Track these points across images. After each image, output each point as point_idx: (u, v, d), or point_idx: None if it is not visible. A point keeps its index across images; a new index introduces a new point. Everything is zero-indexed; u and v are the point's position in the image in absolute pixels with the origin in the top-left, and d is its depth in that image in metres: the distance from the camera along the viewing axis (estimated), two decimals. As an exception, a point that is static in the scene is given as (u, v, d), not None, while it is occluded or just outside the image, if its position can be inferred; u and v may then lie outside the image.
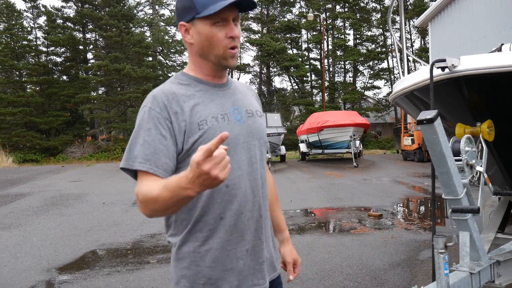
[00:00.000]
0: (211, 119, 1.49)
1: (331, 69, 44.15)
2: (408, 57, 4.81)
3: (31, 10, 36.45)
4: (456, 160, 2.75)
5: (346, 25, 43.52)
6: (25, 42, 34.78)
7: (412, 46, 43.58)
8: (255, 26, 44.08)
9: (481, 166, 2.97)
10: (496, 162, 3.62)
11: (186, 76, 1.58)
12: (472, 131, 3.08)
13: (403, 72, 4.58)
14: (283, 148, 22.55)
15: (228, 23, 1.47)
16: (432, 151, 2.58)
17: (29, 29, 36.21)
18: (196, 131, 1.45)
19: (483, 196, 3.12)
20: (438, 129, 2.45)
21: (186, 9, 1.48)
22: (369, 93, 44.18)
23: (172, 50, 43.72)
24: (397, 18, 36.71)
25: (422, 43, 42.07)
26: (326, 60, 42.05)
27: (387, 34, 43.63)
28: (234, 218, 1.51)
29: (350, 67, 44.42)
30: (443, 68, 2.93)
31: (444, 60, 2.86)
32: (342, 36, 42.26)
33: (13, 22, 34.80)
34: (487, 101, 3.19)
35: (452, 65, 2.91)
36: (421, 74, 3.44)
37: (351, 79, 44.41)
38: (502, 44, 3.95)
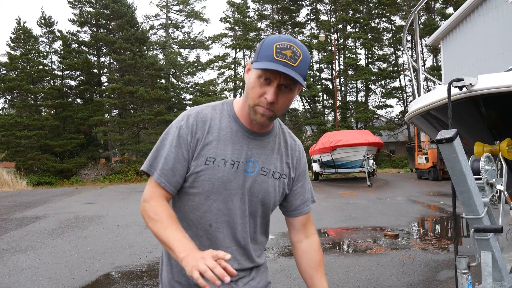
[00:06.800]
0: (220, 160, 1.54)
1: (342, 88, 44.21)
2: (422, 75, 4.80)
3: (47, 35, 37.16)
4: (476, 179, 2.72)
5: (357, 44, 43.68)
6: (40, 67, 35.33)
7: (424, 64, 43.55)
8: (266, 48, 44.37)
9: (501, 184, 2.93)
10: (516, 180, 3.57)
11: (232, 109, 1.64)
12: (491, 149, 3.05)
13: (418, 91, 4.57)
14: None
15: (272, 84, 1.46)
16: (452, 170, 2.56)
17: (45, 53, 36.83)
18: (201, 164, 1.54)
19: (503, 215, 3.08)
20: (457, 148, 2.44)
21: (255, 53, 1.53)
22: (381, 112, 44.12)
23: (184, 72, 44.17)
24: (409, 38, 36.81)
25: (434, 61, 42.05)
26: (337, 80, 42.15)
27: (399, 52, 43.70)
28: None
29: (362, 86, 44.46)
30: (460, 87, 2.92)
31: (461, 80, 2.85)
32: (354, 56, 42.35)
33: (29, 47, 35.44)
34: (505, 119, 3.17)
35: (470, 84, 2.90)
36: (438, 94, 3.43)
37: (363, 98, 44.40)
38: (518, 62, 3.93)
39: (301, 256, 1.77)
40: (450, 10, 38.22)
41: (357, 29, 43.21)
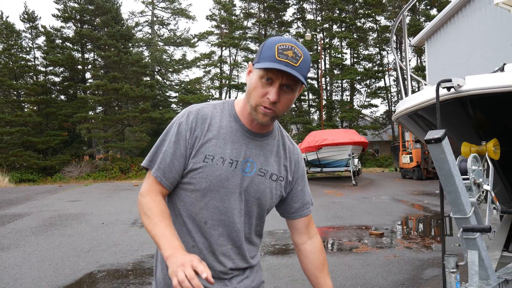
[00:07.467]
0: (219, 158, 1.55)
1: (328, 87, 44.39)
2: (406, 76, 4.85)
3: (30, 31, 36.69)
4: (464, 179, 2.75)
5: (343, 44, 43.87)
6: (23, 62, 34.88)
7: (409, 65, 43.84)
8: (253, 46, 44.40)
9: (488, 184, 2.97)
10: (501, 180, 3.62)
11: (233, 108, 1.64)
12: (478, 150, 3.09)
13: (405, 92, 4.60)
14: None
15: (274, 84, 1.47)
16: (440, 170, 2.59)
17: (28, 49, 36.39)
18: (200, 161, 1.55)
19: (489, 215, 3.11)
20: (446, 149, 2.46)
21: (257, 54, 1.53)
22: (366, 111, 44.38)
23: (170, 70, 43.91)
24: (394, 38, 37.03)
25: (419, 61, 42.43)
26: (323, 79, 42.28)
27: (384, 52, 43.99)
28: (205, 252, 1.60)
29: (347, 86, 44.68)
30: (448, 88, 2.95)
31: (450, 80, 2.88)
32: (339, 55, 42.53)
33: (11, 43, 34.94)
34: (492, 120, 3.21)
35: (458, 85, 2.93)
36: (426, 94, 3.46)
37: (348, 97, 44.63)
38: (505, 64, 3.99)
39: (306, 257, 1.80)
40: (434, 11, 38.59)
41: (343, 29, 43.39)
